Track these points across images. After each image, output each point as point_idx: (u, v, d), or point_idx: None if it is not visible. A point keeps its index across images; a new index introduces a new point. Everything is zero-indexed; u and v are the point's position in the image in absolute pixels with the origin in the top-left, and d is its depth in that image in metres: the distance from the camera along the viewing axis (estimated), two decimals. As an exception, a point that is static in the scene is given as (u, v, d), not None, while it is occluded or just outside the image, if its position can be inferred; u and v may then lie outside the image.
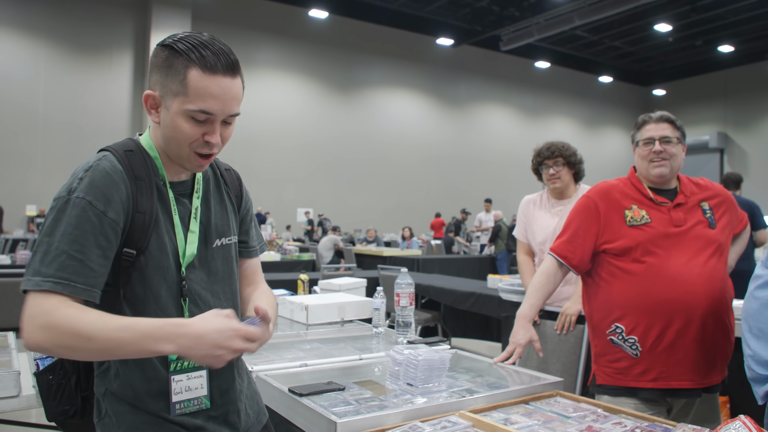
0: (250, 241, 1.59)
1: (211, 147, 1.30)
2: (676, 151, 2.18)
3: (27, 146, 14.90)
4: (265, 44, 18.37)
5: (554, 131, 24.91)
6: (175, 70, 1.24)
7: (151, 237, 1.29)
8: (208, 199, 1.44)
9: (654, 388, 2.04)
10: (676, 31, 20.63)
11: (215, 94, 1.24)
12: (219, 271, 1.42)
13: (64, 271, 1.16)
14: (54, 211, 1.20)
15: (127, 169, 1.28)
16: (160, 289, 1.31)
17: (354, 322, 2.90)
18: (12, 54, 15.06)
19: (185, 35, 1.27)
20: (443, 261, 10.52)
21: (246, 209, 1.57)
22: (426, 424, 1.49)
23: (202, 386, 1.35)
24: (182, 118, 1.26)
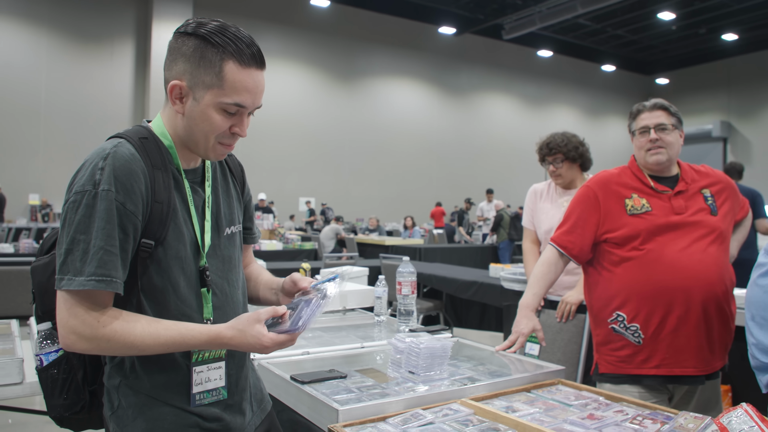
0: (253, 228, 1.61)
1: (236, 138, 1.32)
2: (673, 138, 2.17)
3: (29, 135, 14.89)
4: (267, 33, 18.29)
5: (557, 120, 24.83)
6: (209, 62, 1.23)
7: (169, 227, 1.27)
8: (216, 187, 1.43)
9: (657, 375, 2.05)
10: (679, 19, 20.50)
11: (250, 88, 1.26)
12: (230, 258, 1.42)
13: (104, 267, 1.16)
14: (82, 207, 1.17)
15: (145, 158, 1.25)
16: (179, 280, 1.29)
17: (356, 311, 2.90)
18: (14, 43, 15.01)
19: (213, 25, 1.25)
20: (445, 250, 10.52)
21: (249, 196, 1.58)
22: (428, 411, 1.49)
23: (220, 377, 1.35)
24: (214, 110, 1.25)
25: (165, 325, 1.21)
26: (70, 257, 1.16)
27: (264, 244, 8.36)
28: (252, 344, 1.24)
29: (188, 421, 1.30)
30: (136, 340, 1.18)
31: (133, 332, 1.18)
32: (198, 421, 1.31)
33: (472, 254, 11.05)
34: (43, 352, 1.36)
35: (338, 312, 2.86)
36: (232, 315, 1.33)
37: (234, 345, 1.25)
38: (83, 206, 1.17)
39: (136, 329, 1.19)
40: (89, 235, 1.16)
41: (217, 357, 1.35)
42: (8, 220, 13.30)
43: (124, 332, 1.18)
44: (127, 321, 1.20)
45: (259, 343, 1.23)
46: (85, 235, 1.16)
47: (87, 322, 1.17)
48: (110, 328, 1.17)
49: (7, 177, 13.89)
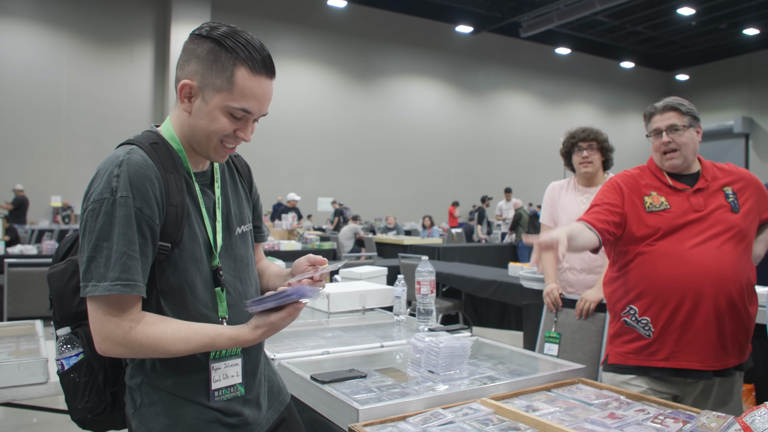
0: (262, 227, 1.65)
1: (238, 141, 1.35)
2: (686, 138, 2.15)
3: (51, 138, 15.09)
4: (284, 34, 18.37)
5: (575, 118, 24.62)
6: (221, 65, 1.26)
7: (184, 229, 1.30)
8: (225, 188, 1.46)
9: (664, 368, 2.05)
10: (699, 14, 20.22)
11: (258, 95, 1.30)
12: (243, 257, 1.45)
13: (127, 272, 1.19)
14: (102, 214, 1.19)
15: (157, 162, 1.28)
16: (195, 280, 1.32)
17: (375, 310, 2.91)
18: (35, 47, 15.23)
19: (228, 30, 1.28)
20: (464, 249, 10.49)
21: (257, 195, 1.61)
22: (448, 411, 1.50)
23: (237, 374, 1.38)
24: (221, 112, 1.29)
25: (195, 330, 1.26)
26: (93, 264, 1.18)
27: (283, 244, 8.39)
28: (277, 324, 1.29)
29: (209, 417, 1.33)
30: (167, 345, 1.23)
31: (165, 336, 1.23)
32: (218, 416, 1.34)
33: (491, 253, 11.01)
34: (64, 357, 1.38)
35: (357, 312, 2.87)
36: (245, 312, 1.34)
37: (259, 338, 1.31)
38: (103, 213, 1.19)
39: (167, 333, 1.23)
40: (111, 241, 1.18)
41: (233, 354, 1.38)
42: (31, 221, 13.49)
43: (156, 336, 1.22)
44: (158, 325, 1.23)
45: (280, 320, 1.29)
46: (107, 241, 1.18)
47: (120, 327, 1.20)
48: (142, 333, 1.21)
49: (29, 179, 14.09)
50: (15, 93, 14.79)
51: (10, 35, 14.92)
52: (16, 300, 4.52)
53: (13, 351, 2.36)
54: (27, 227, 12.40)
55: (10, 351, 2.36)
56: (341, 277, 3.60)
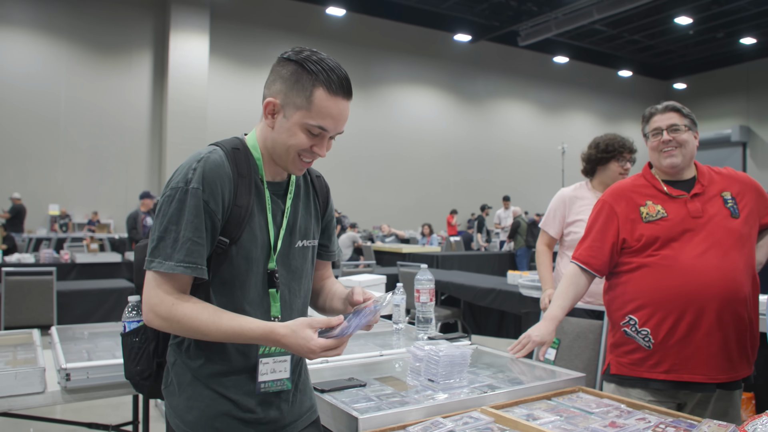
0: (331, 246, 1.70)
1: (314, 156, 1.44)
2: (686, 137, 2.13)
3: (49, 146, 15.08)
4: (283, 42, 18.41)
5: (573, 127, 24.71)
6: (302, 86, 1.36)
7: (244, 229, 1.39)
8: (297, 202, 1.53)
9: (666, 380, 2.02)
10: (696, 23, 20.32)
11: (334, 115, 1.39)
12: (297, 269, 1.51)
13: (191, 256, 1.32)
14: (176, 201, 1.33)
15: (233, 165, 1.40)
16: (246, 278, 1.41)
17: (374, 319, 2.89)
18: (34, 55, 15.24)
19: (310, 54, 1.39)
20: (462, 257, 10.49)
21: (330, 216, 1.68)
22: (448, 419, 1.49)
23: (285, 369, 1.46)
24: (299, 128, 1.38)
25: (229, 317, 1.33)
26: (162, 243, 1.33)
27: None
28: (301, 345, 1.31)
29: (222, 408, 1.40)
30: (201, 325, 1.32)
31: (200, 317, 1.32)
32: (231, 408, 1.40)
33: (490, 261, 11.01)
34: (127, 320, 1.61)
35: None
36: (287, 320, 1.42)
37: (285, 343, 1.33)
38: (176, 200, 1.33)
39: (203, 315, 1.32)
40: (180, 225, 1.33)
41: (283, 352, 1.45)
42: (28, 230, 13.47)
43: (193, 316, 1.32)
44: (197, 307, 1.33)
45: (306, 345, 1.31)
46: (176, 225, 1.33)
47: (165, 302, 1.33)
48: (181, 311, 1.32)
49: (27, 187, 14.08)
50: (13, 101, 14.79)
51: (8, 43, 14.93)
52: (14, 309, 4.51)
53: (10, 360, 2.35)
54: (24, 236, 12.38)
55: (7, 360, 2.35)
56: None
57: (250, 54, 17.74)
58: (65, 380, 2.02)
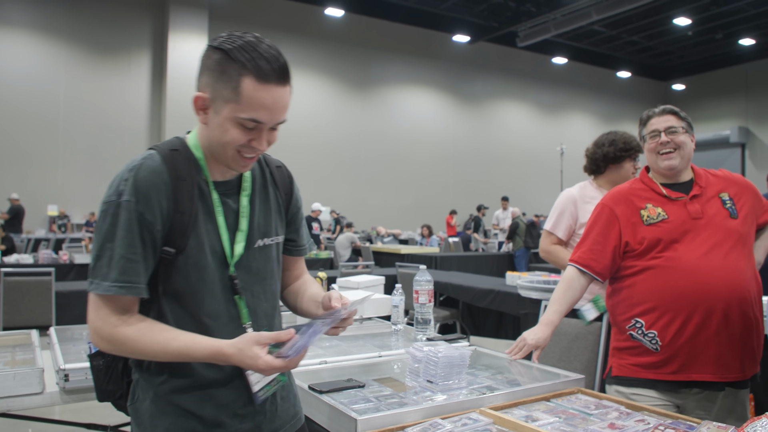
0: (299, 240, 1.59)
1: (256, 151, 1.32)
2: (684, 139, 2.14)
3: (48, 147, 15.09)
4: (282, 43, 18.02)
5: (572, 127, 24.72)
6: (228, 77, 1.23)
7: (190, 237, 1.30)
8: (254, 198, 1.43)
9: (673, 381, 2.02)
10: (695, 24, 20.35)
11: (267, 105, 1.25)
12: (260, 271, 1.42)
13: (125, 274, 1.24)
14: (109, 216, 1.25)
15: (171, 169, 1.30)
16: (199, 287, 1.32)
17: (373, 320, 2.90)
18: (33, 56, 15.25)
19: (238, 39, 1.25)
20: (461, 258, 10.49)
21: (296, 207, 1.56)
22: (447, 421, 1.49)
23: None
24: (231, 123, 1.26)
25: (174, 336, 1.26)
26: (98, 263, 1.25)
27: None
28: (249, 364, 1.24)
29: (187, 425, 1.33)
30: (146, 348, 1.26)
31: (144, 339, 1.25)
32: (197, 425, 1.33)
33: (488, 262, 11.01)
34: None
35: (355, 321, 2.86)
36: (254, 327, 1.36)
37: (234, 363, 1.26)
38: (109, 216, 1.25)
39: (146, 337, 1.26)
40: (114, 243, 1.24)
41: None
42: (27, 231, 13.46)
43: (136, 338, 1.25)
44: (141, 328, 1.27)
45: (255, 365, 1.24)
46: (111, 243, 1.25)
47: (108, 323, 1.26)
48: (124, 334, 1.25)
49: (26, 188, 14.07)
50: (12, 102, 14.79)
51: (7, 44, 14.94)
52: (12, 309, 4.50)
53: (9, 361, 2.35)
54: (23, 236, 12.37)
55: (6, 361, 2.35)
56: (339, 286, 3.59)
57: (249, 55, 17.73)
58: (64, 381, 2.02)
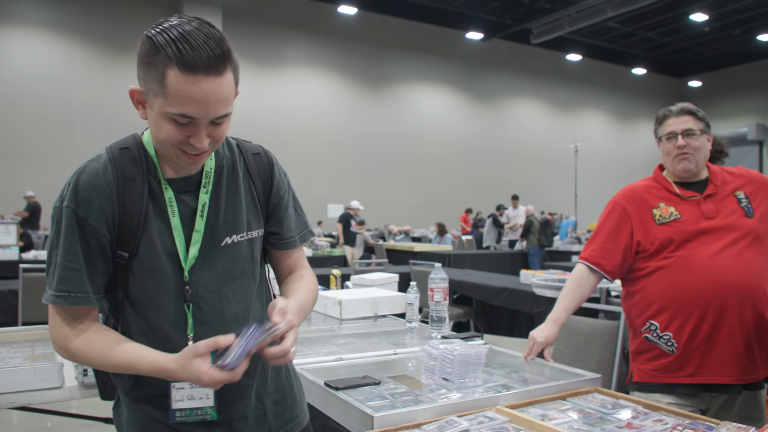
0: (284, 233, 1.42)
1: (197, 149, 1.18)
2: (700, 143, 2.11)
3: (64, 145, 15.23)
4: (295, 41, 18.47)
5: (586, 125, 24.57)
6: (155, 69, 1.11)
7: (141, 240, 1.23)
8: (219, 193, 1.31)
9: (691, 384, 2.00)
10: (712, 20, 20.15)
11: (196, 98, 1.11)
12: (227, 271, 1.30)
13: (62, 283, 1.19)
14: (54, 222, 1.21)
15: (117, 170, 1.22)
16: (155, 293, 1.25)
17: (387, 317, 2.90)
18: (49, 55, 15.41)
19: (169, 24, 1.13)
20: (474, 256, 10.47)
21: (278, 197, 1.41)
22: (462, 419, 1.49)
23: (208, 396, 1.25)
24: (163, 119, 1.14)
25: (122, 349, 1.19)
26: (47, 271, 1.22)
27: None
28: (195, 380, 1.13)
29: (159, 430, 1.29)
30: (95, 360, 1.20)
31: (92, 351, 1.20)
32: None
33: (501, 260, 10.98)
34: None
35: (369, 318, 2.86)
36: (221, 330, 1.21)
37: (180, 378, 1.16)
38: (54, 222, 1.21)
39: (95, 349, 1.20)
40: (56, 250, 1.20)
41: None
42: (44, 227, 13.59)
43: (85, 350, 1.20)
44: (92, 339, 1.21)
45: (200, 381, 1.12)
46: (55, 250, 1.21)
47: (60, 335, 1.22)
48: (74, 345, 1.21)
49: (43, 186, 14.20)
50: (28, 100, 14.96)
51: (23, 44, 15.10)
52: (31, 305, 4.55)
53: (29, 356, 2.38)
54: (40, 233, 12.50)
55: (26, 356, 2.38)
56: (353, 283, 3.60)
57: (263, 53, 17.81)
58: (82, 375, 2.04)
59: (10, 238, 6.91)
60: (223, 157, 1.34)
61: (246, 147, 1.40)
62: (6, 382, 1.97)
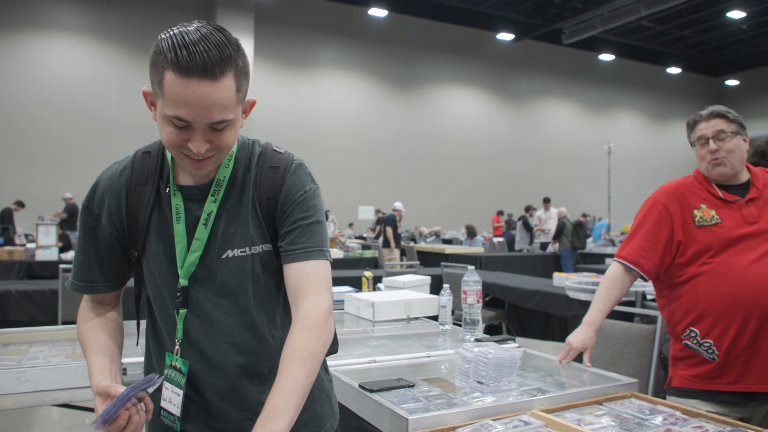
0: (285, 245, 1.28)
1: (197, 155, 1.16)
2: (734, 145, 2.05)
3: (101, 147, 15.57)
4: (326, 44, 18.59)
5: (619, 126, 24.21)
6: (156, 71, 1.12)
7: (146, 243, 1.29)
8: (224, 205, 1.28)
9: (732, 392, 1.95)
10: (750, 17, 19.68)
11: (188, 101, 1.09)
12: (226, 284, 1.27)
13: (78, 274, 1.32)
14: (78, 218, 1.33)
15: (134, 173, 1.30)
16: (158, 294, 1.30)
17: (420, 320, 2.90)
18: (87, 60, 15.79)
19: (179, 29, 1.12)
20: (506, 258, 10.40)
21: (283, 212, 1.29)
22: (498, 422, 1.48)
23: (177, 405, 1.27)
24: (163, 121, 1.14)
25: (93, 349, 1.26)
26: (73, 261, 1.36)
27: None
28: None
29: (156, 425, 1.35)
30: (82, 347, 1.29)
31: (82, 338, 1.30)
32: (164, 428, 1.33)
33: (533, 263, 10.88)
34: None
35: (402, 320, 2.87)
36: (215, 341, 1.26)
37: None
38: (79, 218, 1.33)
39: (83, 337, 1.30)
40: (78, 243, 1.33)
41: (176, 383, 1.28)
42: (82, 228, 13.92)
43: (81, 335, 1.31)
44: (89, 328, 1.31)
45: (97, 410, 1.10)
46: (78, 243, 1.33)
47: (78, 315, 1.36)
48: (80, 327, 1.33)
49: (80, 188, 14.52)
50: (67, 104, 15.35)
51: (62, 49, 15.51)
52: (70, 304, 4.66)
53: (70, 354, 2.44)
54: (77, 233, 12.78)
55: (67, 354, 2.44)
56: (384, 285, 3.61)
57: (294, 56, 17.96)
58: (122, 374, 2.09)
59: (50, 239, 7.10)
60: (241, 167, 1.31)
61: (268, 158, 1.33)
62: (48, 380, 2.03)
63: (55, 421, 4.25)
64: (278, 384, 1.12)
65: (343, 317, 3.05)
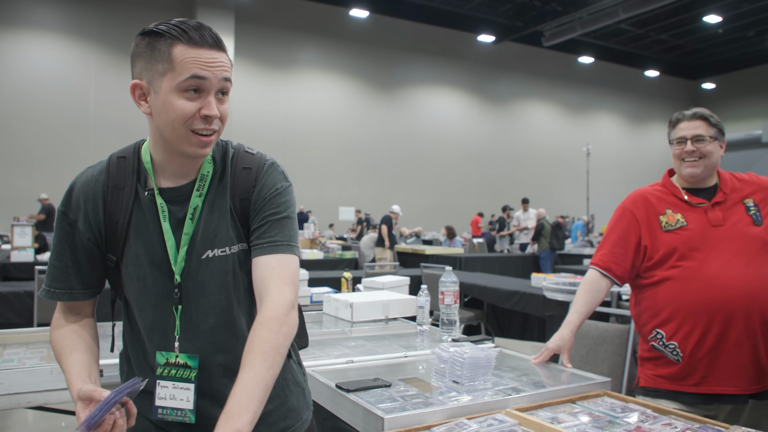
0: (254, 240, 1.31)
1: (210, 121, 1.22)
2: (711, 149, 2.10)
3: (78, 148, 15.38)
4: (307, 44, 18.55)
5: (598, 128, 24.47)
6: (159, 51, 1.19)
7: (125, 246, 1.29)
8: (204, 206, 1.31)
9: (696, 393, 1.99)
10: (726, 22, 20.02)
11: (204, 61, 1.19)
12: (205, 284, 1.29)
13: (50, 280, 1.32)
14: (55, 223, 1.32)
15: (110, 178, 1.30)
16: (139, 297, 1.29)
17: (398, 320, 2.92)
18: (64, 59, 15.58)
19: (169, 21, 1.22)
20: (485, 259, 10.45)
21: (255, 210, 1.32)
22: (472, 421, 1.50)
23: (188, 399, 1.27)
24: (174, 95, 1.19)
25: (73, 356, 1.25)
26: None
27: (305, 253, 8.46)
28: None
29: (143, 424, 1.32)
30: (56, 355, 1.29)
31: (56, 346, 1.30)
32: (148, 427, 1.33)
33: (513, 263, 10.95)
34: None
35: (380, 321, 2.88)
36: (195, 341, 1.29)
37: None
38: (55, 223, 1.33)
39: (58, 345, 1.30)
40: (53, 249, 1.33)
41: (185, 378, 1.28)
42: (59, 229, 13.74)
43: (55, 342, 1.31)
44: (63, 335, 1.31)
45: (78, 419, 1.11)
46: (53, 248, 1.33)
47: (52, 322, 1.37)
48: (54, 334, 1.33)
49: (58, 189, 14.32)
50: (43, 104, 15.13)
51: (39, 47, 15.28)
52: (46, 306, 4.61)
53: (45, 356, 2.41)
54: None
55: (42, 356, 2.41)
56: (364, 286, 3.62)
57: (275, 56, 17.90)
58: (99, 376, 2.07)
59: (25, 240, 7.01)
60: (219, 166, 1.34)
61: (241, 159, 1.35)
62: (23, 382, 2.01)
63: (30, 424, 4.19)
64: (240, 379, 1.12)
65: (322, 318, 3.05)
